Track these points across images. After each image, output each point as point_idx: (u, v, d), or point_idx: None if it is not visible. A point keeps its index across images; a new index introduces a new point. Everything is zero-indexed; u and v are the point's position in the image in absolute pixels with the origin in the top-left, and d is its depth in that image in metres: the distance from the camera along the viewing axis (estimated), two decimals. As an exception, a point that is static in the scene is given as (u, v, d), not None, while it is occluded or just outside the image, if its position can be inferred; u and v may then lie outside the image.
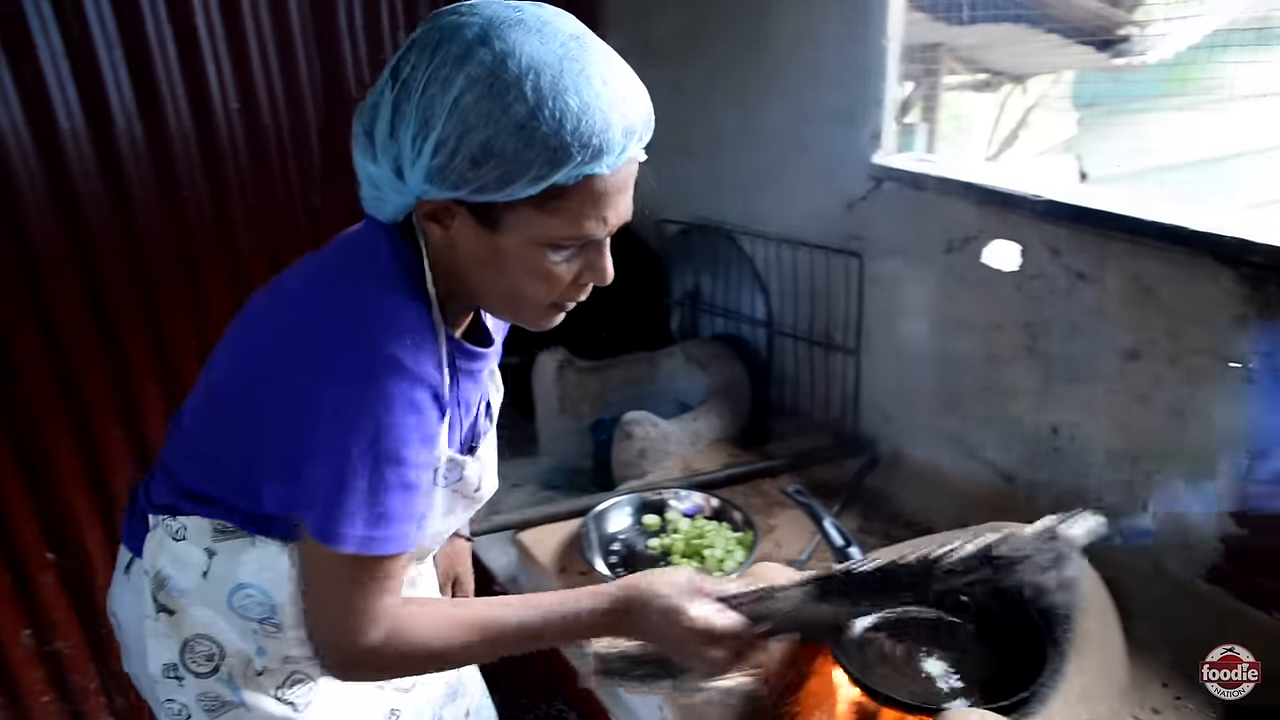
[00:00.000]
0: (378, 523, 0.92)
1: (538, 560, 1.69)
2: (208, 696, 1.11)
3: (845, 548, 1.38)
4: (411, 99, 0.85)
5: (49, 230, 1.82)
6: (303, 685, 1.13)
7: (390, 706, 1.21)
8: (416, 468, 0.93)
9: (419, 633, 0.99)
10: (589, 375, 2.25)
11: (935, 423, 1.85)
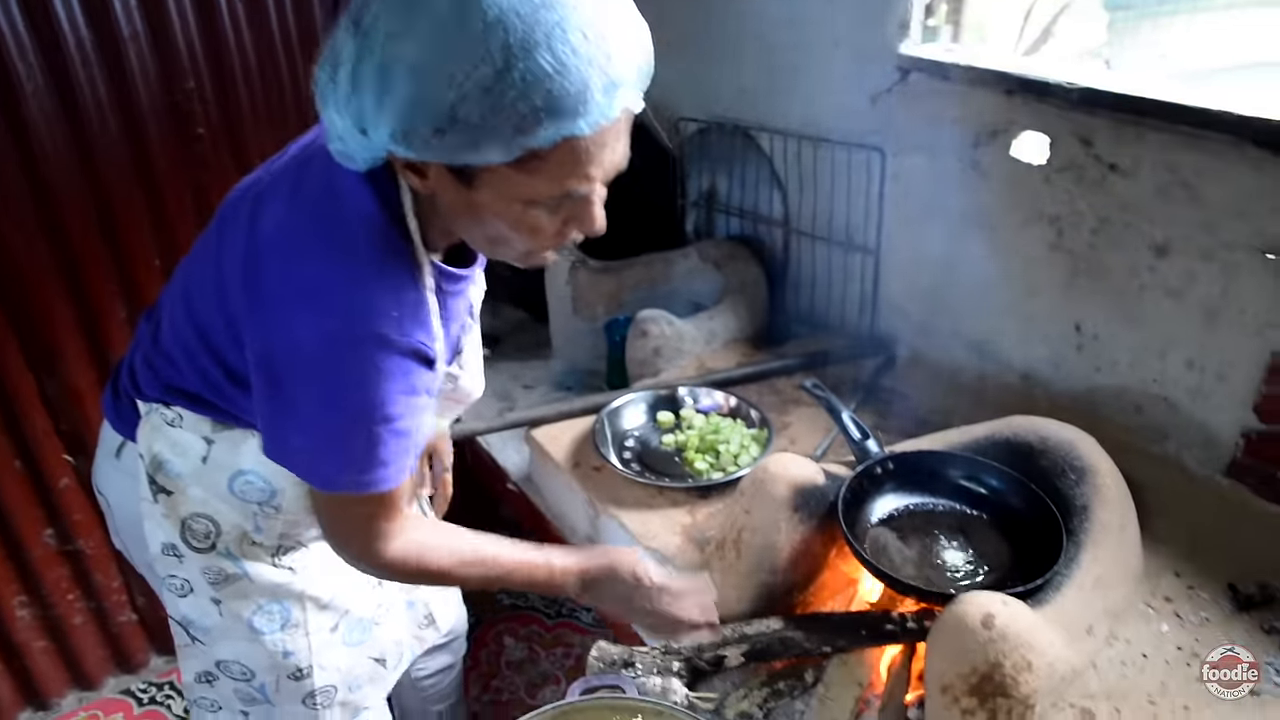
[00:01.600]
0: (373, 468, 0.95)
1: (551, 456, 1.69)
2: (211, 570, 1.15)
3: (863, 441, 1.38)
4: (373, 53, 0.77)
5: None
6: (294, 551, 1.20)
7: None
8: (409, 418, 0.96)
9: (433, 559, 1.07)
10: (602, 276, 2.22)
11: (955, 322, 1.82)
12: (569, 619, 2.65)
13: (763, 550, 1.24)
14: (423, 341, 0.94)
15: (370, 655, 1.32)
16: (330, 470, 0.97)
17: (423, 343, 0.94)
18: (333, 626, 1.26)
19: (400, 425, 0.95)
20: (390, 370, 0.91)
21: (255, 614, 1.19)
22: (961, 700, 0.98)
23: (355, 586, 1.27)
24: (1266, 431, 1.38)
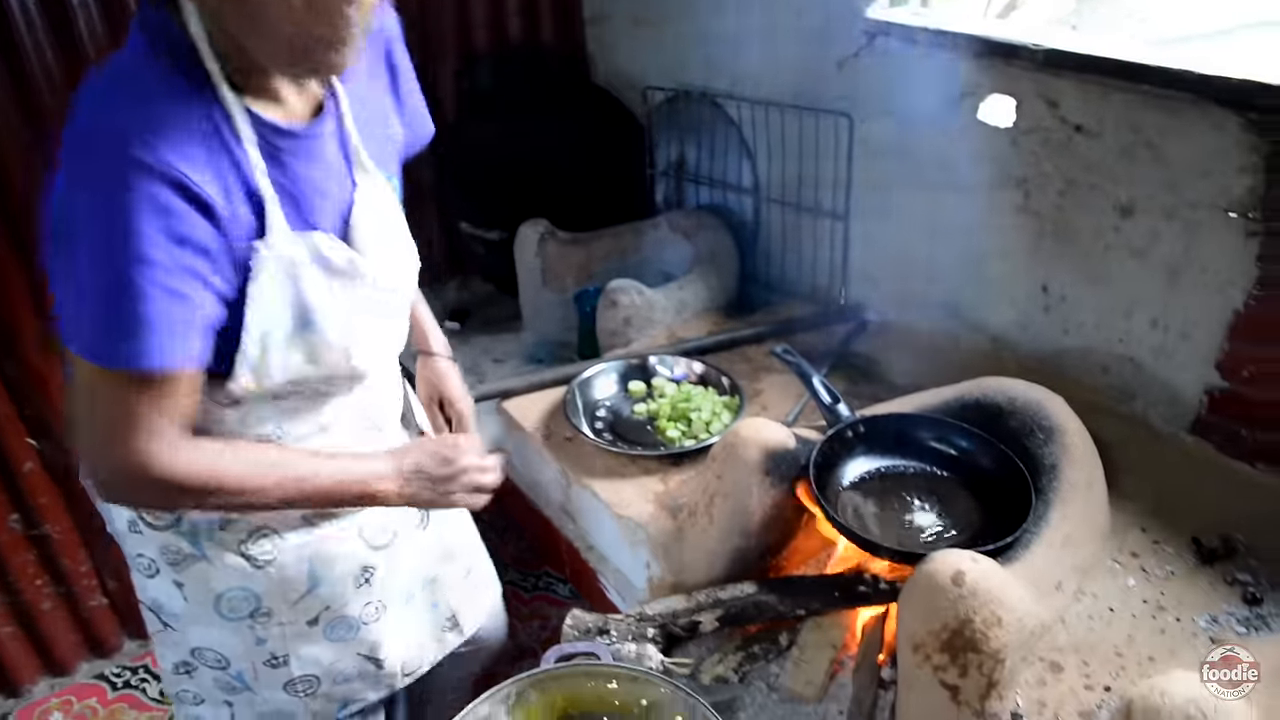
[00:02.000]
0: (137, 331, 0.86)
1: (523, 428, 1.68)
2: (169, 549, 1.12)
3: (834, 405, 1.38)
4: None
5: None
6: (266, 540, 1.13)
7: (363, 564, 1.20)
8: (179, 275, 0.87)
9: (230, 472, 0.97)
10: (572, 247, 2.20)
11: (924, 286, 1.83)
12: (545, 592, 2.65)
13: (735, 515, 1.24)
14: (190, 176, 0.86)
15: (359, 653, 1.24)
16: (87, 331, 0.87)
17: (189, 177, 0.86)
18: (311, 619, 1.18)
19: (166, 279, 0.85)
20: (141, 196, 0.83)
21: (221, 599, 1.14)
22: (933, 657, 0.99)
23: (339, 582, 1.19)
24: (1228, 389, 1.39)
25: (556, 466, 1.59)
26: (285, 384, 1.02)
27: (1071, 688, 1.04)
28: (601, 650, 1.09)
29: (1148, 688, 0.83)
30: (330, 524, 1.16)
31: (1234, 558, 1.26)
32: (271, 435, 1.07)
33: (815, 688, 1.19)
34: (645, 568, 1.42)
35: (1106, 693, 1.04)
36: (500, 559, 2.74)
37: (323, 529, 1.15)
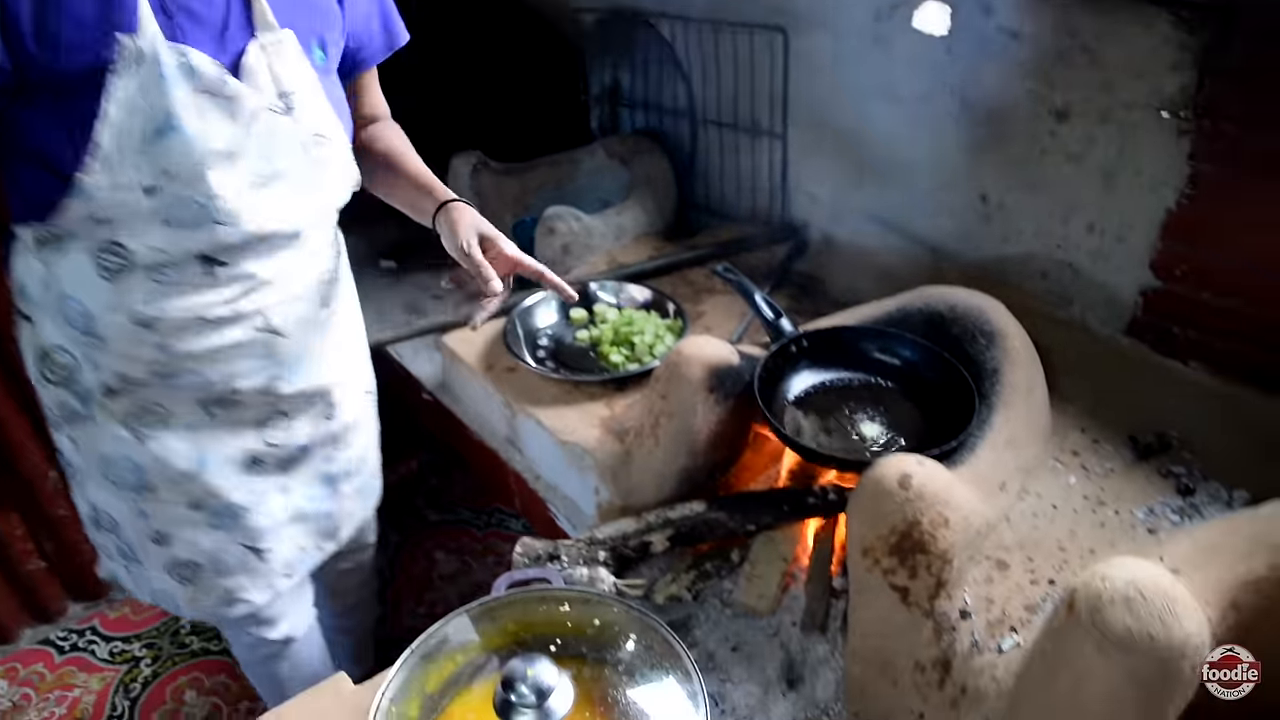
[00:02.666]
0: None
1: (464, 360, 1.64)
2: (63, 406, 1.16)
3: (777, 320, 1.37)
4: None
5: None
6: (160, 424, 1.15)
7: (253, 454, 1.23)
8: None
9: None
10: (506, 178, 2.14)
11: (864, 201, 1.81)
12: (498, 528, 2.64)
13: (681, 434, 1.23)
14: None
15: (241, 542, 1.27)
16: None
17: None
18: (193, 503, 1.22)
19: None
20: None
21: (109, 464, 1.18)
22: (882, 561, 1.00)
23: (225, 467, 1.21)
24: (1162, 288, 1.41)
25: (500, 398, 1.56)
26: (138, 191, 0.98)
27: (1018, 583, 1.06)
28: (553, 575, 1.07)
29: (1089, 574, 0.84)
30: (227, 412, 1.18)
31: (1168, 452, 1.29)
32: (143, 313, 1.06)
33: (768, 601, 1.19)
34: (594, 493, 1.41)
35: (1051, 586, 1.06)
36: (450, 497, 2.74)
37: (218, 417, 1.18)
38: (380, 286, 2.26)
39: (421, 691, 0.93)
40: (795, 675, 1.13)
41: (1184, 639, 0.79)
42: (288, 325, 1.17)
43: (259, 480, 1.25)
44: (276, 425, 1.24)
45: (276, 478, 1.27)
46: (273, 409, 1.22)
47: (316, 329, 1.23)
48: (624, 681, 0.94)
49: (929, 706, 1.00)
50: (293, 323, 1.18)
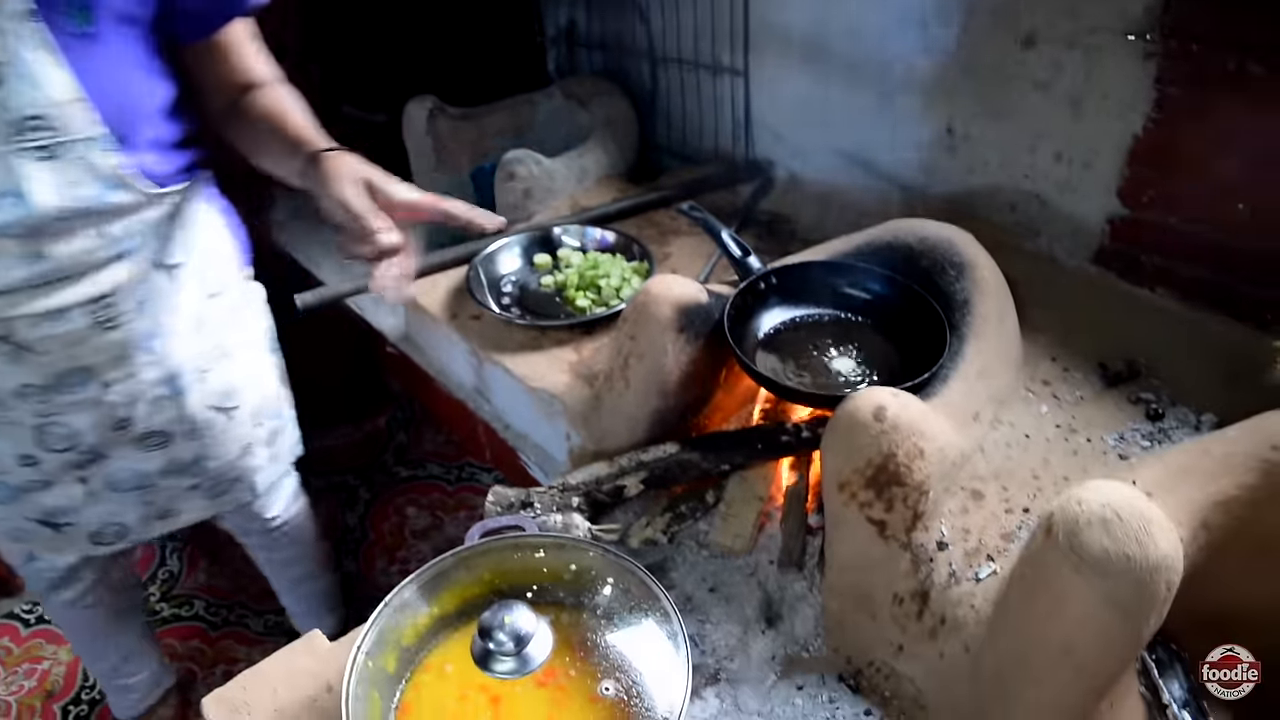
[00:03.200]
0: None
1: (427, 310, 1.61)
2: None
3: (744, 258, 1.34)
4: None
5: None
6: None
7: (25, 455, 1.25)
8: None
9: None
10: (463, 123, 2.08)
11: (828, 138, 1.79)
12: (469, 483, 2.63)
13: (651, 375, 1.21)
14: None
15: (29, 516, 1.31)
16: None
17: None
18: None
19: None
20: None
21: None
22: (859, 494, 0.99)
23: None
24: (1129, 215, 1.41)
25: (465, 346, 1.53)
26: None
27: (993, 513, 1.06)
28: (527, 523, 1.05)
29: (1065, 498, 0.83)
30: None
31: (1137, 379, 1.29)
32: None
33: (744, 540, 1.19)
34: (565, 439, 1.39)
35: (1025, 514, 1.06)
36: (419, 453, 2.72)
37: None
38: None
39: (398, 645, 0.92)
40: (774, 613, 1.13)
41: (1159, 559, 0.79)
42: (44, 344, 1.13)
43: (34, 471, 1.27)
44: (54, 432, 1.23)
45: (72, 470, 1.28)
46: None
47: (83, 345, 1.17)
48: (603, 626, 0.93)
49: (908, 637, 1.01)
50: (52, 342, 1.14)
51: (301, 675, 1.01)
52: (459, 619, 0.96)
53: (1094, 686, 0.89)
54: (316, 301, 1.60)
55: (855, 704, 1.02)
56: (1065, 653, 0.84)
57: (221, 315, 1.33)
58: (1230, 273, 1.33)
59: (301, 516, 1.75)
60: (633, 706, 0.85)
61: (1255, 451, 1.00)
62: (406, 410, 2.88)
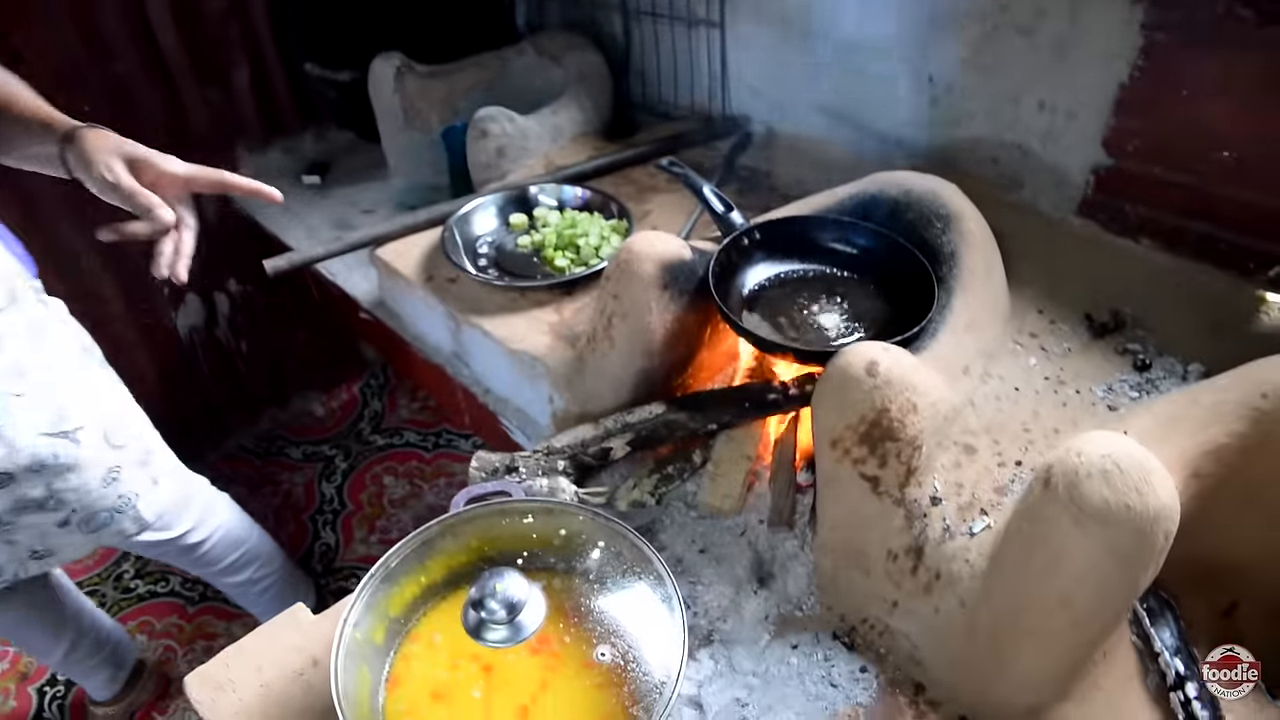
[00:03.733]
0: None
1: (401, 273, 1.56)
2: None
3: (727, 213, 1.31)
4: None
5: None
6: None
7: None
8: None
9: None
10: (432, 81, 2.02)
11: (807, 91, 1.75)
12: (447, 450, 2.60)
13: (635, 334, 1.18)
14: None
15: None
16: None
17: None
18: None
19: None
20: None
21: None
22: (852, 451, 0.97)
23: None
24: (1113, 165, 1.39)
25: (442, 309, 1.49)
26: None
27: (985, 467, 1.05)
28: (513, 488, 1.03)
29: (1063, 450, 0.82)
30: None
31: (1123, 329, 1.28)
32: None
33: (733, 500, 1.17)
34: (548, 402, 1.36)
35: (1018, 467, 1.05)
36: (396, 422, 2.69)
37: None
38: (305, 203, 2.14)
39: (385, 616, 0.89)
40: (765, 573, 1.12)
41: (1159, 508, 0.78)
42: None
43: None
44: None
45: None
46: None
47: None
48: (595, 590, 0.91)
49: (902, 593, 1.00)
50: None
51: (286, 650, 0.99)
52: (447, 588, 0.94)
53: (1090, 637, 0.89)
54: (287, 266, 1.54)
55: (850, 661, 1.01)
56: (1063, 605, 0.83)
57: (10, 330, 1.21)
58: (1214, 221, 1.32)
59: (226, 529, 1.66)
60: (629, 671, 0.84)
61: (1245, 400, 1.00)
62: (381, 377, 2.84)
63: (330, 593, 2.18)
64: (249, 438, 2.67)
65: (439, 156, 2.02)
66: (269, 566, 1.81)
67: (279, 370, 2.67)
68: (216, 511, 1.63)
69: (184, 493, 1.53)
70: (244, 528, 1.73)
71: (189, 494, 1.55)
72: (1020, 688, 0.92)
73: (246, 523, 1.75)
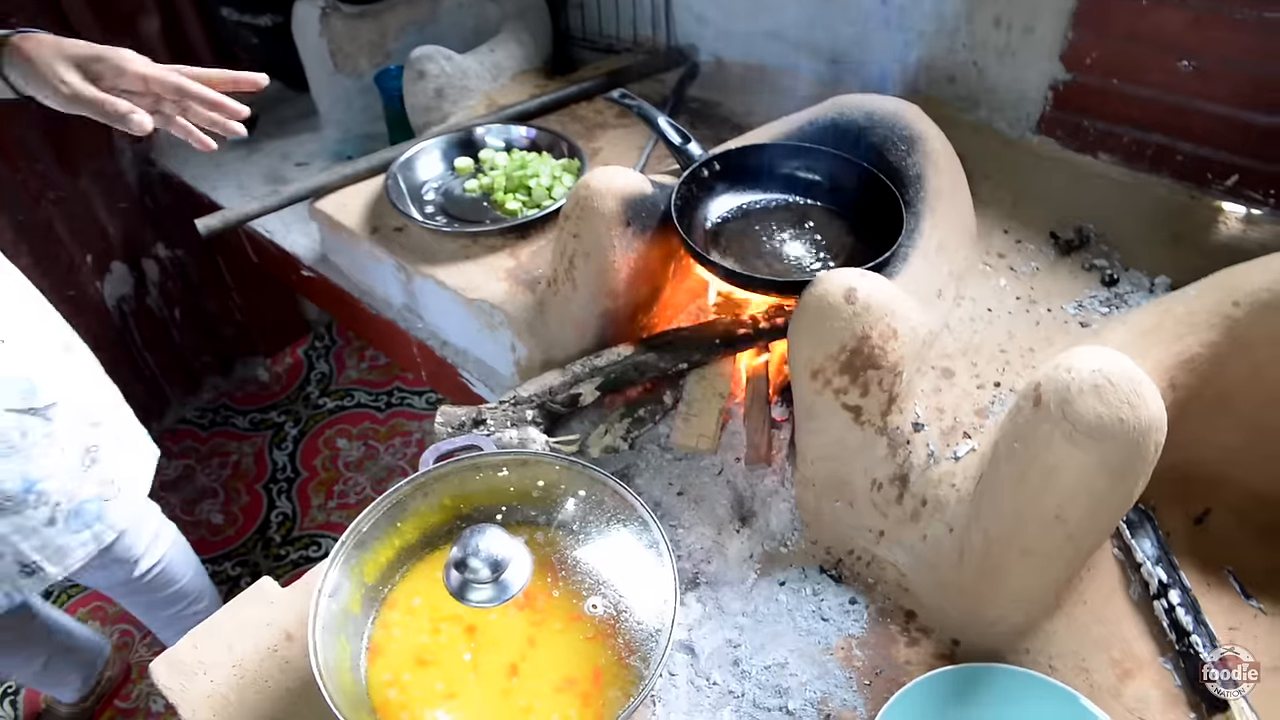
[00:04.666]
0: None
1: (344, 226, 1.48)
2: None
3: (684, 145, 1.26)
4: None
5: None
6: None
7: None
8: None
9: None
10: (361, 22, 1.91)
11: (754, 17, 1.69)
12: (400, 408, 2.53)
13: (599, 274, 1.13)
14: None
15: None
16: None
17: None
18: None
19: None
20: None
21: None
22: (834, 381, 0.95)
23: None
24: (1071, 80, 1.37)
25: (392, 261, 1.42)
26: None
27: (965, 389, 1.04)
28: (483, 442, 0.98)
29: (1052, 368, 0.81)
30: None
31: (1088, 246, 1.28)
32: None
33: (709, 439, 1.14)
34: (510, 350, 1.31)
35: (997, 389, 1.04)
36: (345, 382, 2.60)
37: None
38: (233, 160, 2.03)
39: (361, 583, 0.85)
40: (747, 511, 1.09)
41: (1150, 420, 0.77)
42: None
43: None
44: None
45: None
46: None
47: None
48: (579, 541, 0.88)
49: (889, 522, 0.99)
50: None
51: (256, 626, 0.94)
52: (422, 549, 0.90)
53: (1082, 552, 0.89)
54: (220, 225, 1.46)
55: (839, 593, 1.00)
56: (1058, 521, 0.82)
57: None
58: (1173, 134, 1.31)
59: (175, 551, 1.53)
60: (622, 621, 0.81)
61: (1216, 309, 0.99)
62: (326, 338, 2.75)
63: (291, 563, 2.12)
64: (191, 409, 2.57)
65: (373, 102, 1.92)
66: (200, 603, 1.66)
67: (218, 337, 2.56)
68: (164, 537, 1.51)
69: (146, 510, 1.43)
70: (184, 560, 1.59)
71: (150, 513, 1.45)
72: (1012, 607, 0.92)
73: (192, 556, 1.64)
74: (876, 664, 0.94)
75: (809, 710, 0.90)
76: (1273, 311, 0.96)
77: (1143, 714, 0.88)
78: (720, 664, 0.94)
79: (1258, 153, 1.25)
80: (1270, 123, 1.21)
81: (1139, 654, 0.93)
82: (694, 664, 0.94)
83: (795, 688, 0.92)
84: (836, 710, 0.90)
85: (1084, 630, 0.93)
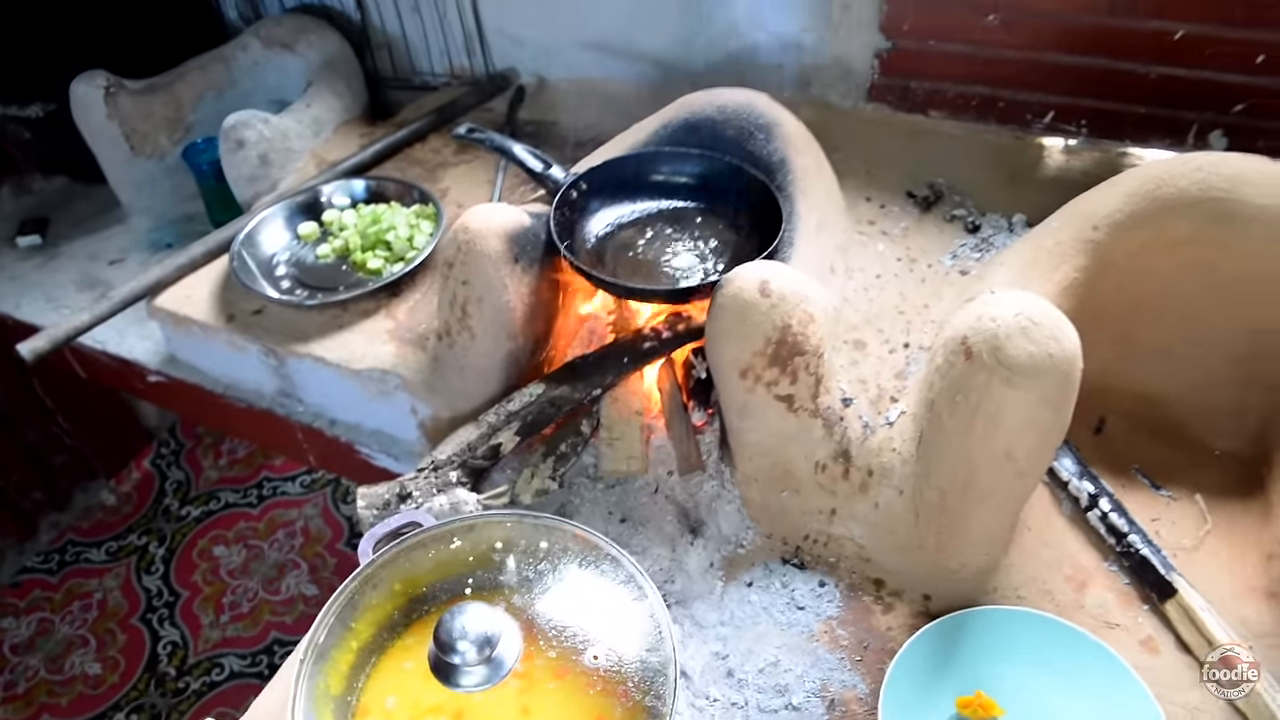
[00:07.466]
0: None
1: (194, 319, 1.36)
2: None
3: (546, 170, 1.24)
4: None
5: None
6: None
7: None
8: None
9: None
10: (152, 97, 1.76)
11: (571, 31, 1.68)
12: (274, 498, 2.37)
13: (496, 317, 1.09)
14: None
15: None
16: None
17: None
18: None
19: None
20: None
21: None
22: (764, 375, 0.95)
23: None
24: (893, 47, 1.43)
25: (257, 347, 1.31)
26: None
27: (879, 357, 1.06)
28: (419, 516, 0.93)
29: (971, 319, 0.84)
30: None
31: (943, 199, 1.34)
32: None
33: (638, 460, 1.12)
34: (411, 414, 1.23)
35: (907, 349, 1.07)
36: (206, 485, 2.41)
37: None
38: (31, 270, 1.83)
39: (328, 698, 0.77)
40: (695, 522, 1.08)
41: (1074, 349, 0.82)
42: None
43: None
44: None
45: None
46: None
47: None
48: (558, 595, 0.84)
49: (839, 499, 1.00)
50: None
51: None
52: (383, 643, 0.83)
53: (1029, 485, 0.92)
54: (49, 345, 1.30)
55: (808, 579, 1.00)
56: (1008, 460, 0.85)
57: None
58: (991, 83, 1.40)
59: None
60: (623, 663, 0.78)
61: (1079, 235, 1.06)
62: (172, 442, 2.54)
63: (194, 694, 1.94)
64: (31, 556, 2.29)
65: (183, 181, 1.78)
66: None
67: (47, 468, 2.30)
68: None
69: None
70: None
71: None
72: (973, 552, 0.95)
73: None
74: (861, 638, 0.95)
75: (813, 701, 0.89)
76: (1127, 230, 1.04)
77: (1105, 617, 0.93)
78: (714, 679, 0.93)
79: (1068, 90, 1.35)
80: (1074, 62, 1.31)
81: (1086, 564, 0.98)
82: (689, 686, 0.92)
83: (793, 682, 0.91)
84: (839, 693, 0.90)
85: (1035, 555, 0.98)
